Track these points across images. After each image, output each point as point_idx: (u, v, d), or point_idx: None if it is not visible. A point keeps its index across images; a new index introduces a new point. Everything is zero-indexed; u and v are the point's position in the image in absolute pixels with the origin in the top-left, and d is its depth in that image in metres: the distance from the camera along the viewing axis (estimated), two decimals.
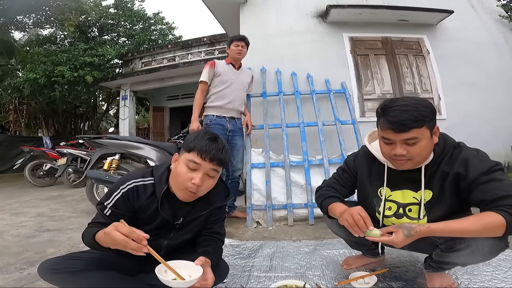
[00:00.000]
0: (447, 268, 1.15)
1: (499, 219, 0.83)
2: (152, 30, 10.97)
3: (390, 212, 1.13)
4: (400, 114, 0.92)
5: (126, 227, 0.84)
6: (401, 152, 0.95)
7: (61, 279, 0.98)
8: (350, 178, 1.24)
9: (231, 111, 2.45)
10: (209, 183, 1.07)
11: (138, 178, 1.11)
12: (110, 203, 1.06)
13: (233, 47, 2.44)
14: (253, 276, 1.40)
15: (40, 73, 7.39)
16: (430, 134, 0.95)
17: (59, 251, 1.87)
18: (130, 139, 2.79)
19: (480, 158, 0.96)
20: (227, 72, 2.44)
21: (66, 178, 4.83)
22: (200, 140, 1.03)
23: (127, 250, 0.83)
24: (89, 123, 11.13)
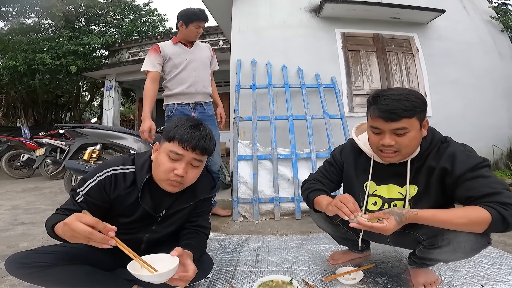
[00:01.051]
0: (430, 264, 1.15)
1: (485, 215, 0.82)
2: (143, 21, 10.66)
3: (375, 207, 1.12)
4: (391, 103, 0.91)
5: (90, 217, 0.76)
6: (389, 142, 0.94)
7: (29, 275, 0.91)
8: (337, 172, 1.21)
9: (196, 96, 2.07)
10: (194, 173, 1.00)
11: (118, 166, 1.02)
12: (84, 190, 0.98)
13: (192, 28, 2.03)
14: (239, 271, 1.37)
15: (20, 61, 7.15)
16: (419, 125, 0.94)
17: (32, 245, 1.79)
18: (113, 129, 2.67)
19: (467, 154, 0.95)
20: (178, 53, 2.05)
21: (44, 170, 4.61)
22: (180, 128, 0.96)
23: (90, 243, 0.75)
24: (71, 114, 10.77)
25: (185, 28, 2.05)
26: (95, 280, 0.96)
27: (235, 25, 3.48)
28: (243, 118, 2.74)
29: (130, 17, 10.28)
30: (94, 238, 0.74)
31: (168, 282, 0.86)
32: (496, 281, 1.18)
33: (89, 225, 0.74)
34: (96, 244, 0.75)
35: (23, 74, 7.43)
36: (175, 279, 0.85)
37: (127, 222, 1.03)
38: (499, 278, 1.21)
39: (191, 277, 0.88)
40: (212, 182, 1.20)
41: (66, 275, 0.92)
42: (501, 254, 1.46)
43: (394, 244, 1.25)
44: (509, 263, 1.35)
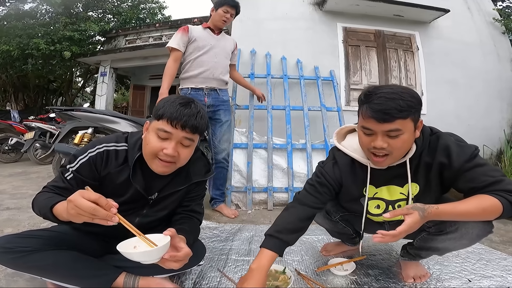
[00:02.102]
0: (425, 255, 1.15)
1: (497, 203, 0.83)
2: (141, 8, 10.38)
3: (379, 210, 1.08)
4: (385, 102, 0.83)
5: (93, 193, 0.72)
6: (381, 144, 0.87)
7: (12, 260, 0.87)
8: (329, 192, 1.08)
9: (211, 81, 2.04)
10: (185, 152, 0.96)
11: (110, 143, 0.98)
12: (74, 166, 0.93)
13: (221, 12, 2.04)
14: (231, 259, 1.36)
15: (14, 45, 6.97)
16: (413, 127, 0.88)
17: (17, 231, 1.69)
18: (106, 113, 2.60)
19: (459, 144, 0.95)
20: (204, 37, 2.05)
21: (32, 154, 4.48)
22: (170, 106, 0.92)
23: (94, 221, 0.71)
24: (62, 99, 10.52)
25: (215, 12, 2.08)
26: (82, 266, 0.92)
27: None
28: (240, 106, 2.70)
29: (128, 4, 10.01)
30: (98, 214, 0.70)
31: (160, 264, 0.82)
32: (483, 277, 1.20)
33: (92, 201, 0.70)
34: (100, 221, 0.71)
35: (16, 58, 7.24)
36: (167, 260, 0.81)
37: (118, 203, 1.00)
38: (485, 273, 1.23)
39: (182, 257, 0.84)
40: (207, 166, 1.16)
41: (51, 260, 0.89)
42: (487, 250, 1.50)
43: None
44: (494, 259, 1.38)
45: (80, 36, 7.49)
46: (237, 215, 2.12)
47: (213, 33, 2.12)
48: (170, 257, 0.81)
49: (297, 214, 1.04)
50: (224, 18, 2.06)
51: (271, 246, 0.96)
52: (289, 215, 1.04)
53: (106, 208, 0.71)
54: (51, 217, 0.83)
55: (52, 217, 0.83)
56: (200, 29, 2.10)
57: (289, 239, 0.99)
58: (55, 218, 0.82)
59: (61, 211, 0.79)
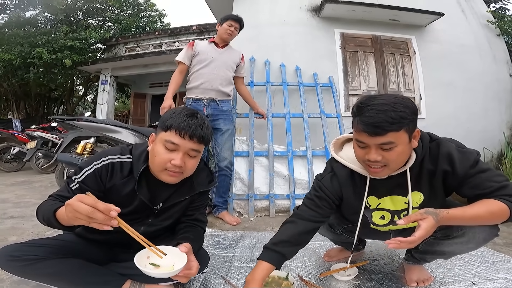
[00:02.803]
0: (430, 259, 1.15)
1: (504, 207, 0.84)
2: (141, 16, 10.52)
3: (384, 221, 1.07)
4: (376, 115, 0.81)
5: (91, 198, 0.74)
6: (375, 157, 0.85)
7: (19, 268, 0.88)
8: (329, 205, 1.06)
9: (209, 92, 2.16)
10: (192, 162, 0.98)
11: (115, 155, 1.01)
12: (80, 177, 0.96)
13: (226, 26, 2.20)
14: (234, 266, 1.37)
15: (16, 54, 7.02)
16: (408, 138, 0.85)
17: (22, 239, 1.74)
18: (107, 122, 2.63)
19: (461, 151, 0.93)
20: (206, 51, 2.20)
21: (35, 163, 4.52)
22: (177, 117, 0.95)
23: (92, 225, 0.72)
24: (63, 108, 10.57)
25: (220, 27, 2.24)
26: (87, 273, 0.94)
27: None
28: (240, 115, 2.73)
29: (128, 12, 10.14)
30: (96, 217, 0.71)
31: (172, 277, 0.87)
32: (487, 279, 1.20)
33: (89, 205, 0.72)
34: (97, 225, 0.72)
35: (18, 67, 7.29)
36: (179, 276, 0.87)
37: (123, 213, 1.01)
38: (489, 276, 1.23)
39: (194, 274, 0.89)
40: (210, 176, 1.19)
41: (58, 268, 0.90)
42: (491, 253, 1.50)
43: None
44: (498, 262, 1.38)
45: (80, 45, 7.56)
46: (239, 222, 2.14)
47: (217, 47, 2.26)
48: (184, 274, 0.87)
49: (296, 229, 1.03)
50: (229, 31, 2.21)
51: (267, 258, 0.97)
52: (287, 229, 1.04)
53: (105, 212, 0.72)
54: (54, 221, 0.84)
55: (55, 222, 0.84)
56: (205, 44, 2.28)
57: (285, 252, 0.99)
58: (58, 222, 0.84)
59: (63, 215, 0.81)
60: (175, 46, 7.67)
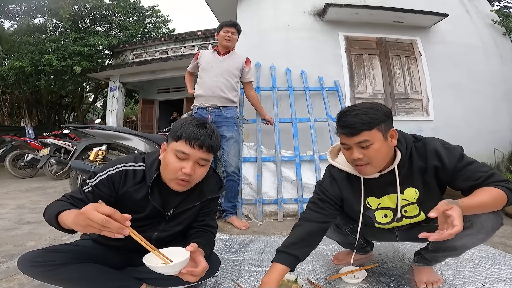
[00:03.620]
0: (442, 258, 1.16)
1: (501, 192, 0.91)
2: (147, 22, 10.73)
3: (387, 219, 1.14)
4: (350, 119, 0.95)
5: (107, 207, 0.77)
6: (358, 156, 0.97)
7: (42, 273, 0.93)
8: (332, 206, 1.14)
9: (212, 99, 2.22)
10: (201, 171, 1.02)
11: (129, 163, 1.06)
12: (93, 182, 1.00)
13: (222, 33, 2.27)
14: (244, 270, 1.39)
15: (27, 61, 7.17)
16: (382, 136, 0.96)
17: (39, 244, 1.80)
18: (118, 130, 2.70)
19: (446, 147, 1.02)
20: (208, 60, 2.29)
21: (48, 170, 4.64)
22: (187, 127, 0.99)
23: (102, 233, 0.75)
24: (74, 114, 10.81)
25: (217, 35, 2.32)
26: (106, 278, 0.98)
27: None
28: (247, 121, 2.76)
29: (134, 18, 10.35)
30: (110, 226, 0.73)
31: (179, 275, 0.88)
32: (497, 281, 1.20)
33: (106, 214, 0.74)
34: (109, 233, 0.74)
35: (29, 74, 7.44)
36: (184, 274, 0.87)
37: (137, 219, 1.06)
38: (499, 278, 1.23)
39: (199, 272, 0.89)
40: (219, 183, 1.23)
41: (79, 273, 0.95)
42: (501, 254, 1.49)
43: (402, 240, 1.27)
44: (509, 263, 1.37)
45: (89, 51, 7.70)
46: (248, 226, 2.16)
47: (219, 55, 2.31)
48: (188, 271, 0.88)
49: (304, 230, 1.09)
50: (226, 37, 2.26)
51: (281, 260, 1.02)
52: (296, 232, 1.10)
53: (121, 222, 0.75)
54: (55, 223, 0.87)
55: (56, 223, 0.87)
56: (209, 52, 2.36)
57: (298, 253, 1.03)
58: (58, 224, 0.87)
59: (66, 218, 0.83)
60: (181, 52, 7.79)
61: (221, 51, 2.32)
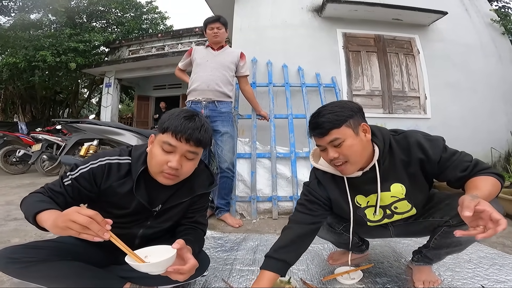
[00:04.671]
0: (444, 255, 1.13)
1: (493, 179, 0.90)
2: (144, 19, 10.63)
3: (378, 216, 1.11)
4: (316, 120, 0.97)
5: (89, 210, 0.74)
6: (333, 155, 0.96)
7: (18, 270, 0.87)
8: (320, 207, 1.12)
9: (207, 93, 2.18)
10: (189, 165, 0.97)
11: (114, 156, 1.00)
12: (74, 175, 0.95)
13: (208, 31, 2.27)
14: (236, 269, 1.35)
15: (21, 57, 7.12)
16: (353, 132, 0.95)
17: (24, 241, 1.72)
18: (110, 125, 2.65)
19: (428, 138, 1.01)
20: (202, 55, 2.28)
21: (40, 166, 4.55)
22: (174, 119, 0.93)
23: (81, 236, 0.72)
24: (69, 110, 10.71)
25: (206, 33, 2.32)
26: (87, 276, 0.93)
27: (236, 24, 3.47)
28: (242, 116, 2.72)
29: (131, 14, 10.25)
30: (91, 228, 0.71)
31: (167, 275, 0.83)
32: (496, 282, 1.17)
33: (88, 216, 0.72)
34: (88, 236, 0.72)
35: (23, 70, 7.39)
36: (171, 272, 0.82)
37: (122, 215, 1.01)
38: (498, 278, 1.20)
39: (187, 270, 0.85)
40: (210, 178, 1.17)
41: (57, 270, 0.90)
42: (500, 255, 1.46)
43: (397, 235, 1.24)
44: (508, 264, 1.35)
45: (84, 47, 7.64)
46: (241, 224, 2.12)
47: (213, 50, 2.30)
48: (175, 270, 0.82)
49: (294, 232, 1.06)
50: (213, 34, 2.25)
51: (270, 267, 0.98)
52: (285, 235, 1.07)
53: (101, 224, 0.73)
54: (32, 222, 0.83)
55: (33, 223, 0.83)
56: (202, 48, 2.34)
57: (287, 258, 1.00)
58: (36, 224, 0.83)
59: (44, 221, 0.79)
60: (178, 48, 7.72)
61: (214, 46, 2.31)
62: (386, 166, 1.03)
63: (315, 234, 1.12)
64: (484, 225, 0.74)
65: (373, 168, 1.02)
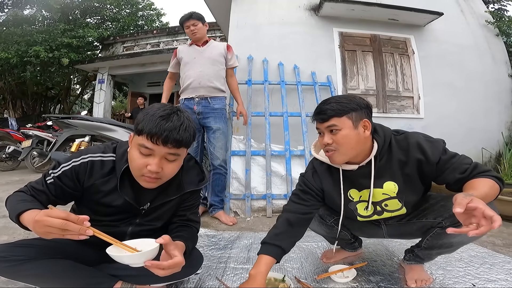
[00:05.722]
0: (435, 255, 1.14)
1: (492, 181, 0.90)
2: (139, 15, 10.50)
3: (369, 211, 1.13)
4: (322, 107, 1.02)
5: (60, 211, 0.71)
6: (327, 140, 1.00)
7: (6, 269, 0.85)
8: (313, 197, 1.14)
9: (199, 89, 2.16)
10: (170, 167, 0.90)
11: (97, 153, 0.96)
12: (56, 173, 0.92)
13: (186, 30, 2.24)
14: (229, 267, 1.34)
15: (13, 53, 7.02)
16: (352, 124, 0.99)
17: (13, 239, 1.70)
18: (103, 121, 2.60)
19: (429, 140, 1.02)
20: (188, 53, 2.25)
21: (29, 162, 4.45)
22: (149, 120, 0.84)
23: (65, 237, 0.70)
24: (60, 106, 10.51)
25: (186, 33, 2.27)
26: (77, 274, 0.91)
27: (233, 21, 3.45)
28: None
29: (127, 11, 10.10)
30: (70, 228, 0.69)
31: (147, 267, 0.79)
32: (487, 281, 1.19)
33: (61, 218, 0.69)
34: (72, 236, 0.70)
35: (14, 65, 7.26)
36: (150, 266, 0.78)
37: (109, 213, 0.98)
38: (489, 277, 1.22)
39: (166, 266, 0.80)
40: (200, 174, 1.13)
41: (46, 269, 0.87)
42: (491, 254, 1.48)
43: (390, 236, 1.25)
44: (498, 263, 1.36)
45: (78, 43, 7.52)
46: (235, 222, 2.10)
47: (198, 46, 2.26)
48: (152, 264, 0.78)
49: (287, 221, 1.09)
50: (191, 32, 2.22)
51: (267, 252, 1.01)
52: (280, 223, 1.10)
53: (78, 223, 0.70)
54: (17, 223, 0.81)
55: (18, 224, 0.81)
56: (186, 47, 2.31)
57: (282, 244, 1.03)
58: (20, 225, 0.81)
59: (28, 222, 0.77)
60: (173, 45, 7.65)
61: (198, 43, 2.26)
62: (382, 164, 1.05)
63: (307, 224, 1.15)
64: (477, 222, 0.73)
65: (369, 164, 1.04)
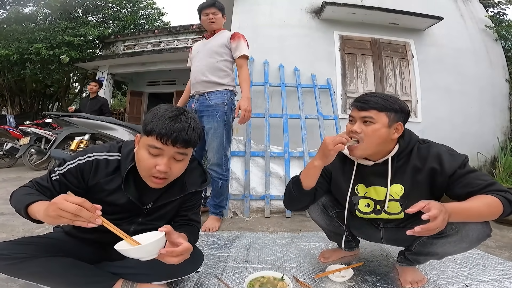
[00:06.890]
0: (423, 260, 1.16)
1: (497, 200, 0.88)
2: (141, 14, 10.47)
3: (368, 209, 1.14)
4: (366, 97, 1.04)
5: (77, 197, 0.73)
6: (356, 128, 1.02)
7: (6, 266, 0.86)
8: (324, 181, 1.18)
9: (196, 86, 2.03)
10: (178, 167, 0.94)
11: (102, 152, 0.98)
12: (62, 170, 0.93)
13: (203, 17, 2.07)
14: (229, 266, 1.35)
15: (13, 50, 6.96)
16: (387, 122, 1.00)
17: (12, 236, 1.71)
18: (103, 119, 2.60)
19: (451, 153, 1.02)
20: (196, 49, 2.16)
21: (27, 159, 4.43)
22: (158, 121, 0.87)
23: (75, 223, 0.72)
24: (59, 104, 10.45)
25: (201, 21, 2.14)
26: (78, 273, 0.92)
27: (235, 22, 3.48)
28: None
29: (128, 10, 10.08)
30: (82, 215, 0.71)
31: (160, 259, 0.82)
32: (479, 281, 1.21)
33: (76, 204, 0.71)
34: (81, 223, 0.72)
35: (14, 63, 7.23)
36: (165, 255, 0.81)
37: (111, 212, 0.99)
38: (482, 278, 1.24)
39: (179, 251, 0.82)
40: (203, 175, 1.15)
41: (47, 267, 0.88)
42: (483, 255, 1.51)
43: (387, 242, 1.26)
44: (491, 264, 1.39)
45: (79, 41, 7.50)
46: (215, 230, 1.92)
47: (206, 39, 2.15)
48: (168, 252, 0.81)
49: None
50: (208, 20, 2.06)
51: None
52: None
53: (91, 210, 0.73)
54: (25, 215, 0.83)
55: (26, 215, 0.83)
56: (199, 42, 2.22)
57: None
58: (28, 216, 0.82)
59: (37, 211, 0.79)
60: (174, 45, 7.64)
61: (209, 34, 2.13)
62: (398, 166, 1.06)
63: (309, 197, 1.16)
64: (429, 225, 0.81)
65: (384, 163, 1.06)
